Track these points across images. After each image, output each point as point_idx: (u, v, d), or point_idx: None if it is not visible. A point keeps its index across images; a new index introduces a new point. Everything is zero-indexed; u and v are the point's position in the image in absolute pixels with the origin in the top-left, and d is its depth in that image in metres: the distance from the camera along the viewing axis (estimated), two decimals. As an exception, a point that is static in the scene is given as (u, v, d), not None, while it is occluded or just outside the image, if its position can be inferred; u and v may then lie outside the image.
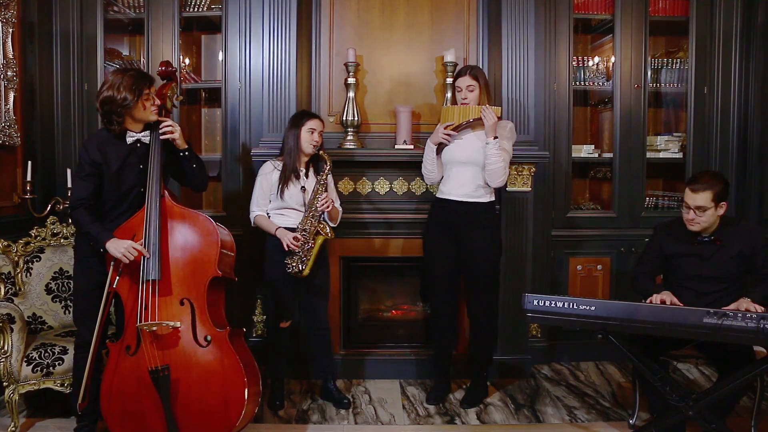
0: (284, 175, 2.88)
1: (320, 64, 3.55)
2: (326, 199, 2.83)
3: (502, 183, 2.88)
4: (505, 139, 2.88)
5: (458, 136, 2.91)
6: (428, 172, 2.99)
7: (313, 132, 2.88)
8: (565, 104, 3.62)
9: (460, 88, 2.89)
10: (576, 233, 3.67)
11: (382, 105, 3.57)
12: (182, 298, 2.47)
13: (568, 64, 3.61)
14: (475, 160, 2.85)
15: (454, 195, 2.91)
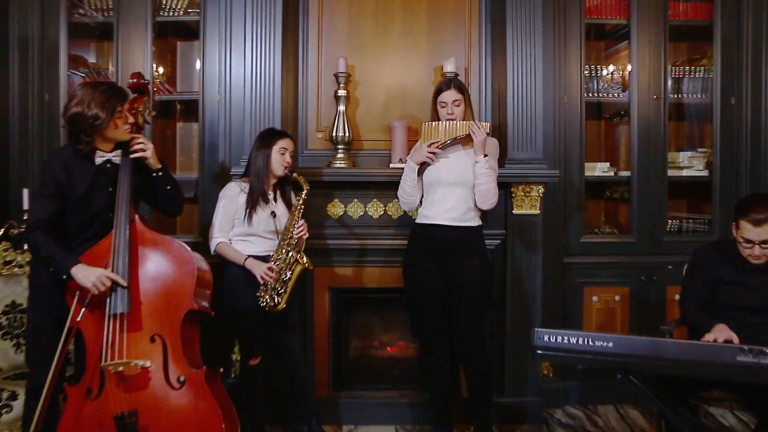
0: (252, 199, 2.91)
1: (308, 74, 3.64)
2: (303, 226, 2.89)
3: (493, 204, 2.95)
4: (492, 157, 2.97)
5: (444, 155, 2.99)
6: (407, 196, 3.03)
7: (284, 152, 2.94)
8: (576, 117, 3.71)
9: (445, 103, 2.96)
10: (591, 260, 3.75)
11: (376, 119, 3.67)
12: (153, 335, 2.49)
13: (579, 74, 3.71)
14: (465, 180, 2.93)
15: (442, 219, 2.96)
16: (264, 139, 2.97)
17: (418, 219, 3.04)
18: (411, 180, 2.99)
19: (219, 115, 3.62)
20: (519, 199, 3.47)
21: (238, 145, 3.54)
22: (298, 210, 2.92)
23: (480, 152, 2.90)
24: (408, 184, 3.01)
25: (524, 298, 3.44)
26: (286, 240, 2.88)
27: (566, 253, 3.73)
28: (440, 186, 2.97)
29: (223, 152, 3.62)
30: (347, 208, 3.54)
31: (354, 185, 3.47)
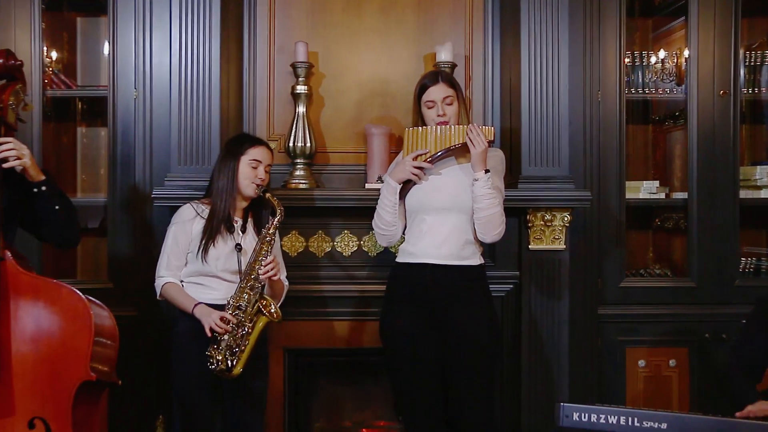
0: (211, 226, 2.93)
1: (256, 64, 3.71)
2: (272, 263, 2.90)
3: (499, 236, 2.99)
4: (497, 175, 3.02)
5: (434, 171, 3.02)
6: (386, 226, 3.05)
7: (257, 166, 2.98)
8: (614, 121, 3.76)
9: (433, 102, 3.01)
10: (635, 311, 3.78)
11: (347, 124, 3.73)
12: (32, 418, 2.45)
13: (618, 62, 3.76)
14: (461, 203, 2.97)
15: (432, 257, 2.98)
16: (230, 148, 3.03)
17: (400, 257, 3.08)
18: (391, 204, 3.02)
19: (136, 118, 3.66)
20: (537, 230, 3.50)
21: (161, 159, 3.59)
22: (266, 241, 2.92)
23: (480, 166, 2.93)
24: (386, 211, 3.03)
25: (545, 361, 3.48)
26: (249, 281, 2.89)
27: (601, 302, 3.76)
28: (429, 212, 3.00)
29: (141, 168, 3.66)
30: (309, 243, 3.56)
31: (318, 212, 3.50)
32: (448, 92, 3.01)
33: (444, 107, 3.01)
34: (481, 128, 2.94)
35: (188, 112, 3.47)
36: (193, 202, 3.04)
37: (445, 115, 3.00)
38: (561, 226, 3.50)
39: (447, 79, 3.04)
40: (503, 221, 2.96)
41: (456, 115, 3.03)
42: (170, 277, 2.99)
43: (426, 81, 3.05)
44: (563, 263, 3.52)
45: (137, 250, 3.65)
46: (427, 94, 3.03)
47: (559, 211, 3.48)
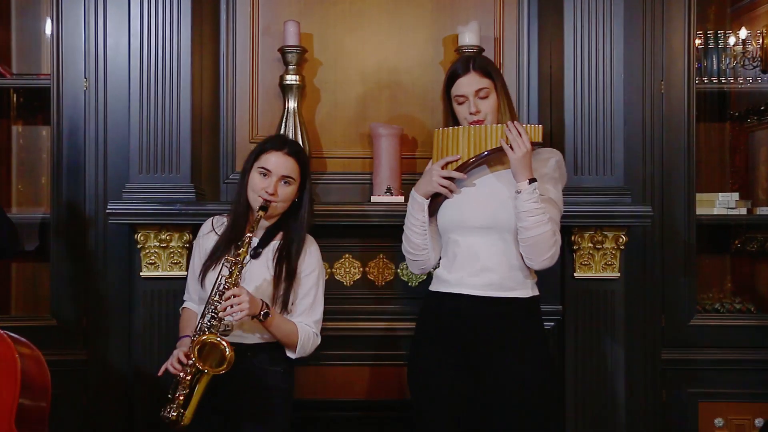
0: (218, 247, 3.22)
1: (236, 49, 3.93)
2: (238, 298, 3.02)
3: (551, 261, 3.04)
4: (551, 182, 3.09)
5: (467, 182, 3.12)
6: (415, 250, 3.18)
7: (267, 175, 3.19)
8: (680, 118, 3.96)
9: (464, 96, 3.11)
10: (708, 356, 3.95)
11: (349, 123, 3.96)
12: None
13: (686, 45, 3.95)
14: (503, 221, 3.05)
15: (468, 287, 3.08)
16: (251, 152, 3.28)
17: (433, 284, 3.22)
18: (418, 224, 3.14)
19: (86, 114, 3.86)
20: (585, 255, 3.69)
21: (118, 166, 3.82)
22: (234, 265, 3.07)
23: (523, 174, 2.98)
24: (413, 231, 3.16)
25: (596, 418, 3.65)
26: (208, 311, 3.07)
27: (666, 344, 3.94)
28: (463, 232, 3.11)
29: (92, 177, 3.86)
30: None
31: (313, 232, 3.50)
32: (482, 83, 3.08)
33: (477, 102, 3.08)
34: (525, 127, 3.00)
35: (152, 108, 3.67)
36: (218, 215, 3.35)
37: (478, 112, 3.08)
38: (614, 249, 3.67)
39: (481, 67, 3.10)
40: (556, 243, 3.00)
41: (494, 111, 3.10)
42: (187, 302, 3.33)
43: (456, 68, 3.14)
44: (617, 295, 3.70)
45: (88, 279, 3.82)
46: (456, 87, 3.11)
47: (612, 230, 3.65)
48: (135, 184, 3.65)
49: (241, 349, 3.05)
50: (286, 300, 3.16)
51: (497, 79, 3.13)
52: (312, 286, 3.25)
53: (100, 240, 3.84)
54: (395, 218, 3.52)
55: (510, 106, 3.15)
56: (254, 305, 3.03)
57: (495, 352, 3.03)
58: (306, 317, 3.21)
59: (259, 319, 3.05)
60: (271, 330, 3.12)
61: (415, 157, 3.94)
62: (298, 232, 3.24)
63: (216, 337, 2.98)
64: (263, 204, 3.13)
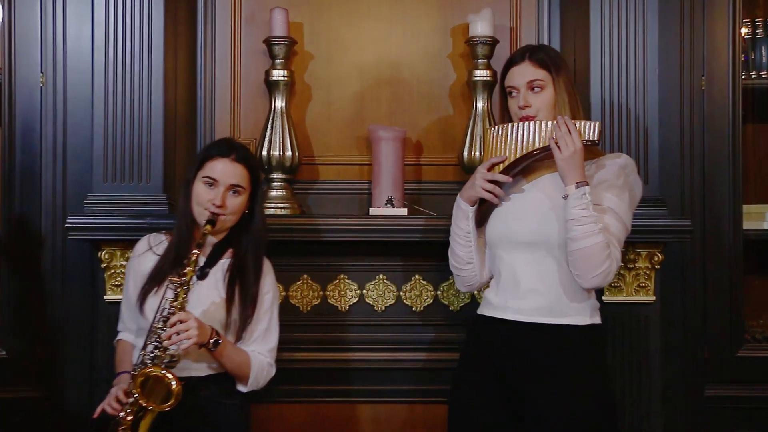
0: (160, 268, 3.12)
1: (215, 40, 3.85)
2: (185, 324, 2.91)
3: (604, 279, 2.91)
4: (612, 190, 2.96)
5: (516, 188, 3.05)
6: (459, 263, 3.11)
7: (213, 185, 3.11)
8: (725, 119, 3.85)
9: (515, 87, 3.04)
10: (759, 393, 3.82)
11: (344, 125, 3.87)
12: None
13: (731, 35, 3.85)
14: (550, 235, 2.96)
15: (512, 311, 2.99)
16: (194, 160, 3.21)
17: (481, 306, 3.16)
18: (462, 234, 3.08)
19: (43, 114, 3.74)
20: (615, 275, 3.46)
21: (79, 173, 3.71)
22: (181, 287, 2.97)
23: (570, 177, 2.87)
24: (457, 243, 3.10)
25: None
26: (149, 345, 2.98)
27: (709, 379, 3.81)
28: (509, 248, 3.03)
29: (49, 185, 3.74)
30: (289, 293, 3.66)
31: (302, 249, 3.57)
32: (536, 74, 2.99)
33: (528, 95, 2.99)
34: (577, 123, 2.92)
35: (118, 108, 3.53)
36: (155, 233, 3.24)
37: (527, 106, 2.99)
38: (649, 268, 3.53)
39: (538, 57, 3.01)
40: (610, 257, 2.86)
41: (549, 108, 3.00)
42: (122, 333, 3.22)
43: (511, 57, 3.10)
44: (652, 322, 3.56)
45: (44, 304, 3.69)
46: (509, 77, 3.07)
47: (646, 247, 3.52)
48: (99, 194, 3.50)
49: (190, 383, 2.94)
50: (242, 326, 3.04)
51: (557, 73, 3.00)
52: (267, 310, 3.15)
53: (58, 258, 3.70)
54: (397, 233, 3.50)
55: (572, 103, 3.01)
56: (203, 332, 2.92)
57: (541, 387, 2.91)
58: (260, 345, 3.12)
59: (209, 348, 2.95)
60: (222, 360, 3.02)
61: (420, 163, 3.83)
62: (251, 247, 3.13)
63: (160, 369, 2.87)
64: (210, 217, 3.03)
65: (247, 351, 3.07)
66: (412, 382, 3.60)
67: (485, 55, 3.66)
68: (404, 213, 3.57)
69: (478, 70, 3.67)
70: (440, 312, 3.61)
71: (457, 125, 3.77)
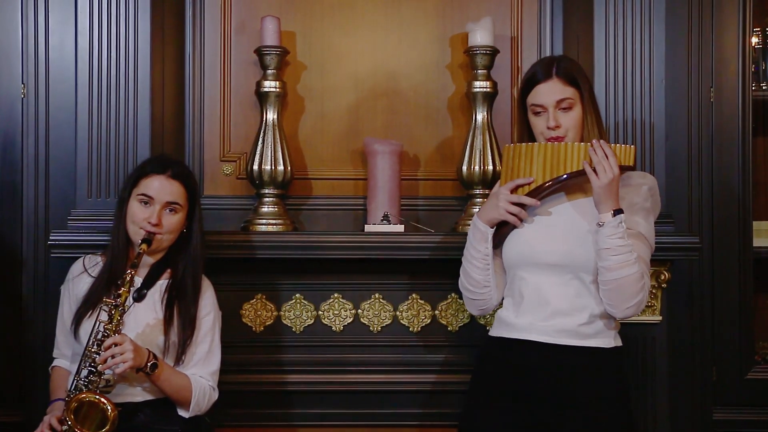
0: (94, 290, 3.08)
1: (204, 49, 3.79)
2: (120, 347, 2.85)
3: (637, 309, 2.90)
4: (641, 213, 2.95)
5: (539, 210, 2.98)
6: (475, 287, 3.04)
7: (149, 203, 3.09)
8: (733, 131, 3.81)
9: (542, 107, 2.96)
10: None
11: (339, 138, 3.81)
12: None
13: (740, 44, 3.81)
14: (581, 259, 2.92)
15: (539, 333, 2.93)
16: (128, 177, 3.18)
17: (496, 329, 3.09)
18: (480, 257, 3.01)
19: (24, 127, 3.69)
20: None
21: (62, 188, 3.64)
22: (116, 309, 2.91)
23: (607, 205, 2.82)
24: (474, 266, 3.03)
25: None
26: (83, 370, 2.93)
27: (719, 401, 3.75)
28: (533, 270, 2.98)
29: (31, 201, 3.69)
30: (282, 312, 3.58)
31: (295, 267, 3.51)
32: (565, 92, 2.92)
33: (558, 115, 2.92)
34: (613, 147, 2.85)
35: (103, 120, 3.47)
36: (90, 255, 3.19)
37: (558, 127, 2.93)
38: (655, 287, 3.47)
39: (566, 73, 2.94)
40: (644, 287, 2.86)
41: (578, 127, 2.96)
42: (58, 359, 3.18)
43: (534, 73, 3.00)
44: (659, 343, 3.49)
45: (23, 324, 3.63)
46: (534, 95, 2.96)
47: (652, 265, 3.34)
48: (83, 210, 3.45)
49: (127, 408, 2.89)
50: (181, 349, 2.99)
51: (584, 89, 2.96)
52: (208, 331, 3.10)
53: (40, 278, 3.64)
54: (394, 251, 3.44)
55: (598, 121, 3.00)
56: (139, 355, 2.88)
57: (569, 410, 2.87)
58: (201, 369, 3.06)
59: (146, 371, 2.90)
60: (160, 384, 2.95)
61: (417, 178, 3.76)
62: (190, 267, 3.09)
63: (95, 394, 2.83)
64: (146, 236, 2.98)
65: (187, 374, 3.01)
66: (410, 405, 3.54)
67: (485, 66, 3.59)
68: (401, 230, 3.50)
69: (477, 81, 3.59)
70: (439, 332, 3.55)
71: (455, 138, 3.71)
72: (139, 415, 2.97)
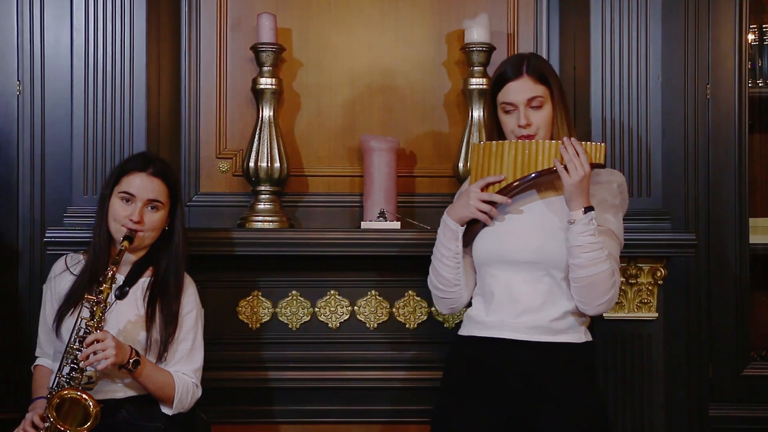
0: (76, 288, 3.10)
1: (200, 47, 3.81)
2: (102, 343, 2.87)
3: (608, 306, 2.94)
4: (611, 210, 2.99)
5: (510, 208, 2.99)
6: (445, 286, 3.04)
7: (131, 200, 3.11)
8: (730, 128, 3.82)
9: (512, 105, 2.97)
10: (765, 412, 3.76)
11: (335, 135, 3.83)
12: None
13: (736, 41, 3.82)
14: (552, 256, 2.93)
15: (511, 330, 2.94)
16: (110, 175, 3.20)
17: (466, 328, 3.10)
18: (451, 255, 3.01)
19: (20, 124, 3.70)
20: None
21: (58, 186, 3.66)
22: (94, 311, 2.92)
23: (578, 202, 2.85)
24: (444, 264, 3.03)
25: None
26: (65, 367, 2.94)
27: (715, 398, 3.77)
28: (504, 267, 2.99)
29: (26, 198, 3.70)
30: (278, 309, 3.59)
31: (291, 264, 3.54)
32: (536, 90, 2.94)
33: (528, 113, 2.93)
34: (584, 145, 2.87)
35: (99, 117, 3.48)
36: (72, 253, 3.22)
37: (529, 125, 2.94)
38: (651, 284, 3.49)
39: (536, 71, 2.96)
40: (615, 284, 2.89)
41: (548, 125, 2.98)
42: (40, 357, 3.21)
43: (504, 71, 3.00)
44: (655, 339, 3.51)
45: (19, 322, 3.65)
46: (504, 92, 2.97)
47: (648, 261, 3.48)
48: (78, 207, 3.46)
49: (109, 405, 2.91)
50: (163, 346, 3.02)
51: (554, 86, 2.99)
52: (190, 328, 3.12)
53: (36, 274, 3.64)
54: (390, 248, 3.47)
55: (568, 118, 3.02)
56: (122, 352, 2.90)
57: (543, 406, 2.89)
58: (183, 365, 3.09)
59: (128, 368, 2.93)
60: (142, 381, 2.98)
61: (414, 175, 3.79)
62: (172, 265, 3.13)
63: (76, 391, 2.84)
64: (128, 233, 3.00)
65: (171, 372, 3.03)
66: (407, 402, 3.56)
67: (481, 63, 3.62)
68: (397, 226, 3.54)
69: (473, 78, 3.62)
70: (435, 329, 3.57)
71: (452, 135, 3.73)
72: (121, 412, 2.99)
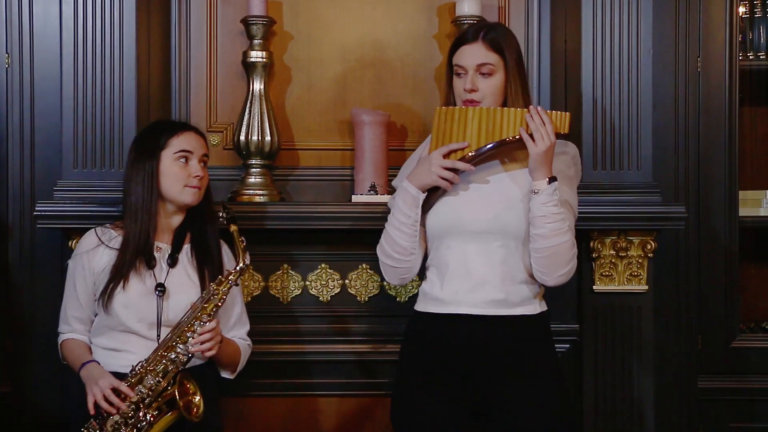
0: (122, 261, 3.04)
1: (190, 20, 3.81)
2: (211, 332, 2.93)
3: (567, 277, 2.96)
4: (566, 181, 3.00)
5: (472, 176, 2.98)
6: (400, 255, 3.00)
7: (187, 158, 3.10)
8: (720, 101, 3.86)
9: (463, 67, 2.98)
10: (754, 384, 3.83)
11: (326, 108, 3.85)
12: None
13: (727, 14, 3.85)
14: (509, 226, 2.93)
15: (466, 305, 2.93)
16: (143, 145, 3.13)
17: (420, 303, 3.11)
18: (410, 223, 2.97)
19: (9, 96, 3.72)
20: (606, 264, 3.56)
21: (48, 159, 3.68)
22: (213, 298, 2.97)
23: (542, 172, 2.85)
24: (402, 232, 2.98)
25: None
26: (172, 349, 2.97)
27: (704, 370, 3.83)
28: (459, 238, 2.97)
29: (16, 171, 3.72)
30: (269, 282, 3.64)
31: (282, 237, 3.57)
32: (487, 57, 2.93)
33: (476, 78, 2.94)
34: (549, 114, 2.88)
35: (89, 90, 3.50)
36: (102, 227, 3.15)
37: (474, 90, 2.94)
38: (641, 257, 3.53)
39: (492, 40, 2.94)
40: (574, 255, 2.92)
41: (496, 94, 2.96)
42: (70, 333, 3.14)
43: (465, 33, 3.03)
44: (645, 312, 3.56)
45: (10, 296, 3.66)
46: (458, 55, 2.99)
47: (638, 234, 3.53)
48: (69, 180, 3.48)
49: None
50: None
51: (509, 57, 2.95)
52: (237, 292, 3.18)
53: (26, 249, 3.67)
54: (381, 221, 3.42)
55: (524, 91, 3.00)
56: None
57: (501, 381, 2.91)
58: (239, 330, 3.19)
59: None
60: (218, 356, 3.02)
61: (404, 148, 3.78)
62: (208, 228, 3.10)
63: (196, 385, 2.92)
64: (231, 215, 3.02)
65: (235, 341, 3.09)
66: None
67: (469, 36, 3.74)
68: (386, 199, 3.50)
69: (464, 52, 3.79)
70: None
71: (441, 108, 3.83)
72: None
